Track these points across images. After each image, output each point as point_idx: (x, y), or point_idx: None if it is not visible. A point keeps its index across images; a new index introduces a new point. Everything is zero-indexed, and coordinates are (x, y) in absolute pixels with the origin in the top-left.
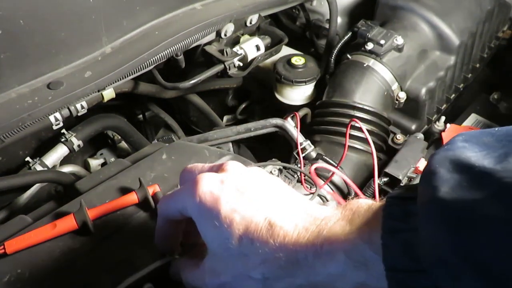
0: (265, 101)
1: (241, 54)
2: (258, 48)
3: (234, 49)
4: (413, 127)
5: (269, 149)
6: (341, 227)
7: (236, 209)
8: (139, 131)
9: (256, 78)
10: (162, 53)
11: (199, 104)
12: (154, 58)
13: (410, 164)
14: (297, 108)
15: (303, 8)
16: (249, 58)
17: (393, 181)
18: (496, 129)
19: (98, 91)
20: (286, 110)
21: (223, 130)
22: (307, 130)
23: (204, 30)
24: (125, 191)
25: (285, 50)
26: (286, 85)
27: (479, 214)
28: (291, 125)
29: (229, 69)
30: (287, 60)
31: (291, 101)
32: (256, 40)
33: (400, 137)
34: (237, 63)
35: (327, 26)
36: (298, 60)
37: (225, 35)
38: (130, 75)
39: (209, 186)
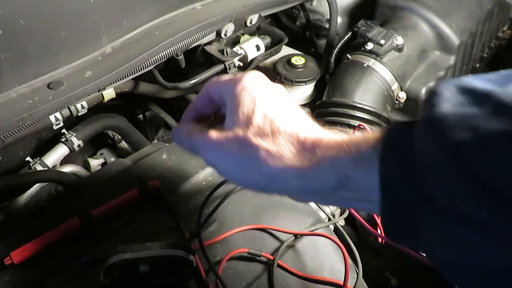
0: None
1: (241, 54)
2: (258, 48)
3: (234, 49)
4: None
5: None
6: (353, 139)
7: (268, 114)
8: (139, 131)
9: None
10: (162, 53)
11: None
12: (154, 58)
13: None
14: None
15: (303, 8)
16: (249, 58)
17: None
18: (501, 70)
19: (99, 91)
20: None
21: None
22: None
23: (204, 30)
24: (126, 189)
25: (285, 50)
26: (286, 85)
27: (475, 126)
28: None
29: (229, 69)
30: (287, 60)
31: None
32: (256, 40)
33: None
34: (237, 63)
35: (327, 26)
36: (298, 60)
37: (225, 35)
38: (130, 75)
39: (250, 85)
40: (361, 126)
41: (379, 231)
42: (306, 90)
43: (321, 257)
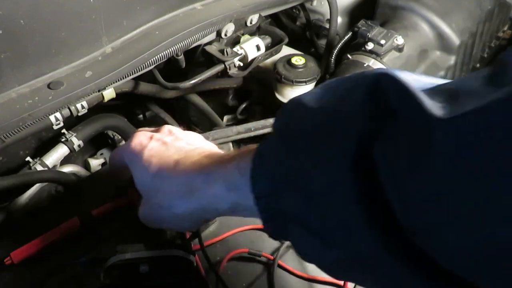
0: (266, 101)
1: (241, 54)
2: (258, 48)
3: (235, 49)
4: None
5: None
6: (226, 159)
7: (156, 155)
8: None
9: (256, 78)
10: (162, 53)
11: (199, 104)
12: (154, 58)
13: None
14: None
15: (303, 8)
16: (250, 58)
17: None
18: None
19: (99, 91)
20: None
21: (223, 130)
22: None
23: (205, 30)
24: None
25: (286, 50)
26: (286, 85)
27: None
28: None
29: (230, 69)
30: (287, 60)
31: None
32: (257, 40)
33: None
34: (237, 63)
35: (327, 26)
36: (299, 60)
37: (226, 35)
38: (130, 75)
39: (140, 138)
40: None
41: None
42: (306, 90)
43: None
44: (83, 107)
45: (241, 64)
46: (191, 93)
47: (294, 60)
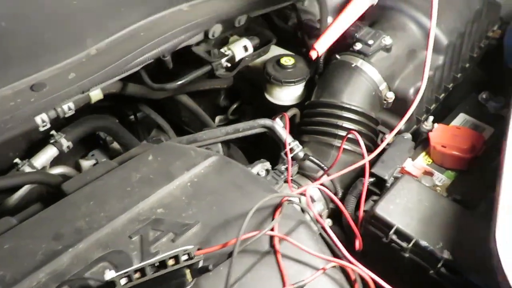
0: (256, 101)
1: (228, 54)
2: (246, 48)
3: (222, 50)
4: (402, 127)
5: (260, 150)
6: None
7: None
8: (131, 132)
9: (247, 79)
10: (147, 54)
11: (189, 104)
12: (139, 59)
13: (396, 164)
14: (287, 108)
15: (294, 8)
16: (237, 59)
17: (380, 181)
18: None
19: (83, 92)
20: (276, 111)
21: (212, 131)
22: (296, 130)
23: (191, 31)
24: None
25: (276, 50)
26: (275, 85)
27: None
28: (279, 126)
29: (217, 70)
30: (277, 60)
31: (281, 101)
32: (244, 41)
33: (388, 137)
34: (225, 63)
35: (318, 26)
36: (288, 61)
37: (213, 36)
38: (116, 77)
39: None
40: (351, 133)
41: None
42: (295, 91)
43: None
44: (70, 108)
45: (229, 64)
46: (181, 94)
47: (284, 61)
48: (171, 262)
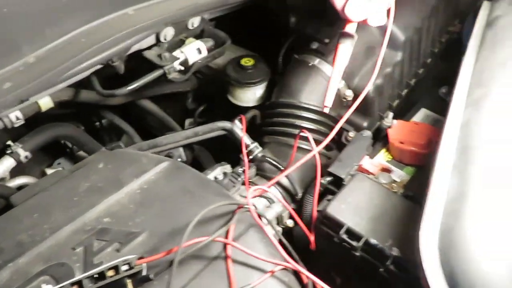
0: (222, 103)
1: (179, 58)
2: (199, 51)
3: (174, 53)
4: (365, 124)
5: (228, 152)
6: None
7: None
8: (98, 139)
9: (212, 81)
10: (91, 60)
11: (151, 109)
12: (82, 66)
13: (353, 162)
14: (250, 109)
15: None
16: (190, 62)
17: (337, 180)
18: None
19: (22, 101)
20: (242, 112)
21: (173, 135)
22: (257, 131)
23: (137, 35)
24: None
25: (239, 51)
26: (236, 87)
27: None
28: (238, 128)
29: (169, 74)
30: (237, 61)
31: (243, 102)
32: (198, 44)
33: (352, 135)
34: (178, 67)
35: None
36: (248, 61)
37: (165, 39)
38: (57, 84)
39: None
40: (302, 132)
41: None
42: (256, 92)
43: None
44: (18, 118)
45: (182, 68)
46: (143, 99)
47: (243, 62)
48: (110, 273)
